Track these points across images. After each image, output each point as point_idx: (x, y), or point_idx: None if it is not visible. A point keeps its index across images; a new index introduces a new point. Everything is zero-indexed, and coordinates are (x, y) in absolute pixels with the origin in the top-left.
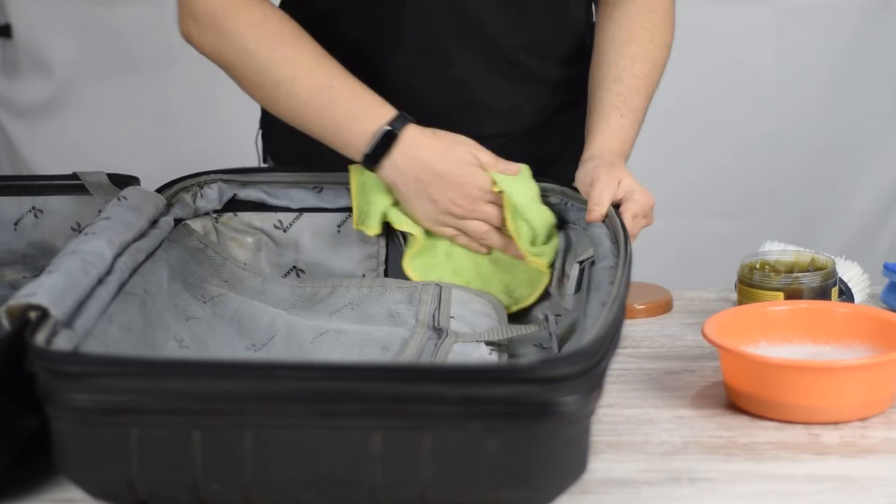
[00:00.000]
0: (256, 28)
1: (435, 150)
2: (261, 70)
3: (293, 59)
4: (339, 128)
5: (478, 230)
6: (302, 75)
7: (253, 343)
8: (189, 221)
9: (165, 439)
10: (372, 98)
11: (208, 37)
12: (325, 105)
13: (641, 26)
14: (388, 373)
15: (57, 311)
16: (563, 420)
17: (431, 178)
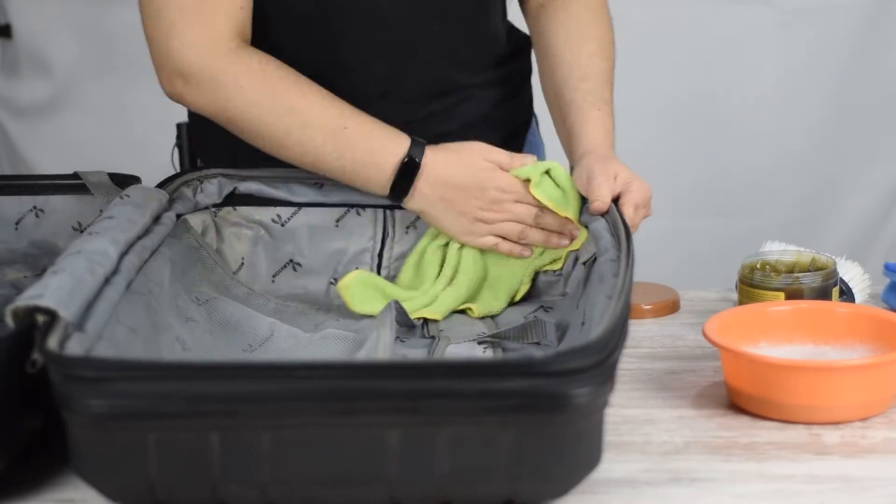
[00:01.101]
0: (257, 79)
1: (451, 164)
2: (270, 122)
3: (301, 106)
4: (360, 166)
5: (513, 231)
6: (313, 121)
7: (250, 344)
8: (188, 217)
9: (183, 442)
10: (384, 131)
11: (205, 95)
12: (341, 147)
13: (589, 26)
14: (403, 370)
15: (65, 312)
16: (577, 412)
17: (454, 193)
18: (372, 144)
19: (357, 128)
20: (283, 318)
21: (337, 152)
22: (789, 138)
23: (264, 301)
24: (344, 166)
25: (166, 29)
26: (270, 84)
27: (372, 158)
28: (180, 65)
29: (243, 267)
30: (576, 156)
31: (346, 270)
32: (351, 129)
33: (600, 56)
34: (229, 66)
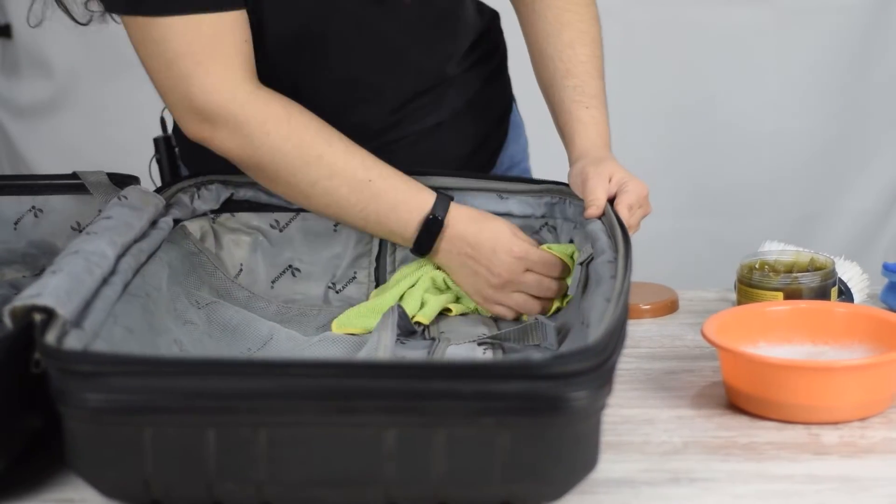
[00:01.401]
0: (284, 126)
1: (473, 223)
2: (297, 170)
3: (327, 158)
4: (385, 219)
5: (517, 302)
6: (339, 172)
7: (249, 347)
8: (186, 223)
9: (179, 438)
10: (409, 186)
11: (233, 140)
12: (366, 200)
13: (565, 10)
14: (401, 370)
15: (63, 310)
16: (574, 415)
17: (471, 250)
18: (396, 198)
19: (382, 182)
20: (284, 322)
21: (361, 204)
22: (789, 138)
23: (265, 304)
24: (367, 218)
25: (183, 78)
26: (297, 131)
27: (396, 213)
28: (205, 111)
29: (242, 272)
30: (570, 160)
31: (345, 275)
32: (376, 182)
33: (581, 42)
34: (254, 112)
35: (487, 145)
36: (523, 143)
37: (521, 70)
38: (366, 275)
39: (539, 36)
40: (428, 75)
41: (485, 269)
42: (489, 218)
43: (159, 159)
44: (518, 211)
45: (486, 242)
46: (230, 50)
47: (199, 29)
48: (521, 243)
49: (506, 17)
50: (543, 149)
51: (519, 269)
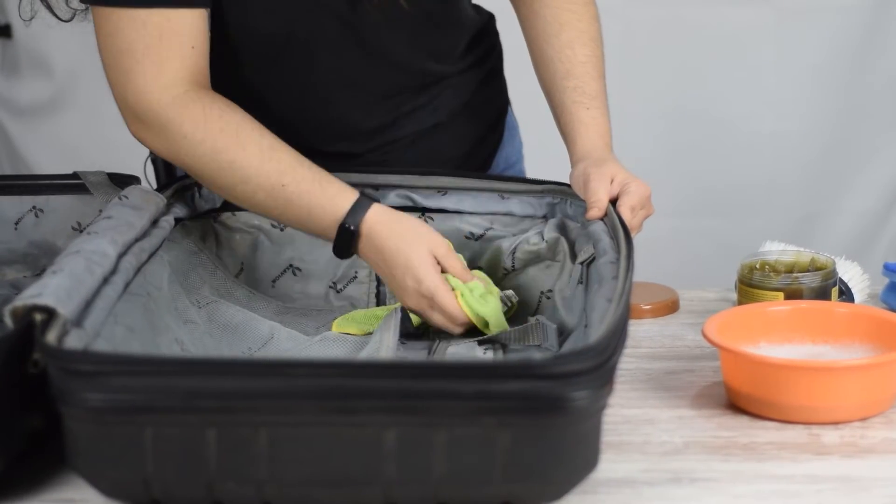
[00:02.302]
0: (199, 130)
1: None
2: (213, 174)
3: (240, 162)
4: (303, 222)
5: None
6: (252, 178)
7: (249, 346)
8: (187, 222)
9: (180, 438)
10: (324, 192)
11: (158, 140)
12: (282, 204)
13: (564, 9)
14: (401, 370)
15: (64, 310)
16: (575, 415)
17: (385, 267)
18: (310, 203)
19: (295, 187)
20: (285, 321)
21: (279, 209)
22: (789, 138)
23: (266, 303)
24: (289, 220)
25: (123, 74)
26: (211, 136)
27: (311, 219)
28: (135, 110)
29: (243, 272)
30: (572, 161)
31: (346, 274)
32: (288, 187)
33: (581, 42)
34: (174, 115)
35: (483, 147)
36: (518, 145)
37: (516, 72)
38: (366, 274)
39: (538, 36)
40: (419, 73)
41: (398, 290)
42: (412, 237)
43: (154, 159)
44: (519, 211)
45: (398, 267)
46: (172, 52)
47: (144, 27)
48: (432, 280)
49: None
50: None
51: (424, 305)
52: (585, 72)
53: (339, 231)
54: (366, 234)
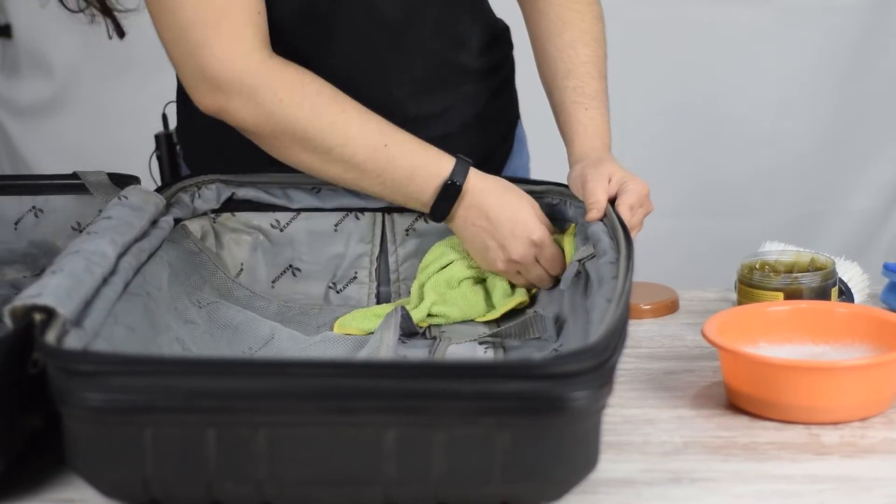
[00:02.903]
0: (297, 94)
1: (494, 195)
2: (311, 138)
3: (341, 123)
4: (401, 185)
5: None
6: (353, 138)
7: (250, 346)
8: (187, 222)
9: (179, 438)
10: (427, 151)
11: (245, 108)
12: (382, 165)
13: (567, 8)
14: (401, 370)
15: (63, 310)
16: (574, 415)
17: (488, 223)
18: (413, 163)
19: (398, 146)
20: (285, 321)
21: (378, 170)
22: (789, 138)
23: (266, 304)
24: (385, 183)
25: (196, 47)
26: (310, 98)
27: (413, 179)
28: (217, 79)
29: (243, 272)
30: (570, 162)
31: (346, 275)
32: (391, 148)
33: (583, 42)
34: (265, 80)
35: (493, 159)
36: (525, 158)
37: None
38: (366, 274)
39: (542, 35)
40: (439, 61)
41: (497, 246)
42: (512, 192)
43: (160, 156)
44: None
45: (506, 221)
46: (242, 18)
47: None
48: (542, 230)
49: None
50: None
51: (531, 255)
52: (586, 72)
53: (443, 188)
54: (470, 191)
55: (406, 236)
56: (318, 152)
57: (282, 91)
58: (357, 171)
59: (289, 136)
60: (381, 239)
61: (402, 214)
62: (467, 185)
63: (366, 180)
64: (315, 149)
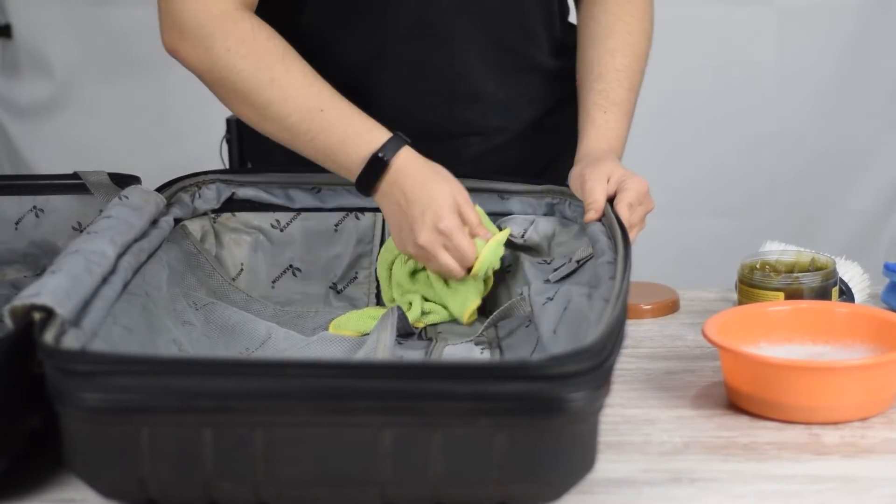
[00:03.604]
0: (245, 46)
1: (418, 175)
2: (250, 90)
3: (282, 81)
4: (332, 151)
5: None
6: (291, 98)
7: (247, 347)
8: (187, 222)
9: (176, 438)
10: (362, 122)
11: (195, 52)
12: (315, 129)
13: (619, 18)
14: (398, 370)
15: (62, 310)
16: (571, 416)
17: (405, 202)
18: (346, 131)
19: (334, 112)
20: (282, 322)
21: (311, 133)
22: (789, 138)
23: (262, 306)
24: (317, 147)
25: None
26: (257, 53)
27: (343, 147)
28: (177, 18)
29: (243, 272)
30: (575, 160)
31: (346, 275)
32: (327, 112)
33: (623, 52)
34: (220, 27)
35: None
36: None
37: None
38: (366, 275)
39: (587, 38)
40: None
41: (408, 228)
42: (437, 178)
43: (229, 140)
44: (519, 211)
45: (420, 202)
46: None
47: None
48: (451, 219)
49: None
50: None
51: (437, 243)
52: (616, 79)
53: (370, 161)
54: (395, 169)
55: None
56: (255, 106)
57: (231, 40)
58: (291, 132)
59: (229, 85)
60: (382, 239)
61: None
62: (396, 162)
63: (299, 142)
64: (253, 102)
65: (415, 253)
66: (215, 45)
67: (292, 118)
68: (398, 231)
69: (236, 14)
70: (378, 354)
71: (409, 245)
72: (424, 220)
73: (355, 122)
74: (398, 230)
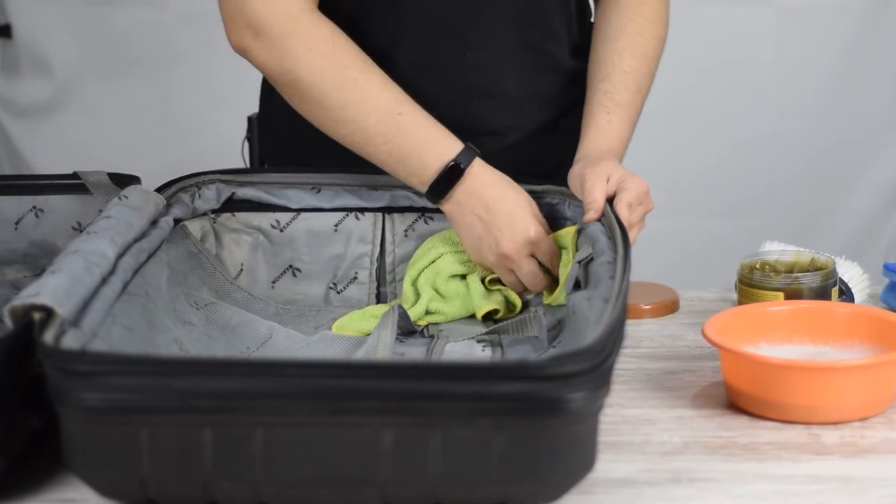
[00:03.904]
0: (327, 46)
1: (496, 186)
2: (328, 91)
3: (361, 83)
4: (405, 156)
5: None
6: (370, 99)
7: (248, 346)
8: (187, 223)
9: (176, 438)
10: (439, 130)
11: (272, 52)
12: (391, 132)
13: (631, 20)
14: (398, 370)
15: (62, 309)
16: (571, 417)
17: (485, 214)
18: (422, 138)
19: (412, 117)
20: (283, 322)
21: (386, 136)
22: (789, 138)
23: (264, 305)
24: (391, 151)
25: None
26: (338, 53)
27: (419, 152)
28: (253, 18)
29: (243, 273)
30: (574, 160)
31: (346, 275)
32: (405, 118)
33: (631, 54)
34: (302, 28)
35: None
36: None
37: None
38: (367, 275)
39: (599, 37)
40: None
41: (492, 239)
42: (513, 188)
43: (250, 138)
44: None
45: (504, 214)
46: None
47: None
48: (538, 228)
49: None
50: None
51: (525, 252)
52: (622, 80)
53: (447, 169)
54: (472, 177)
55: (405, 237)
56: (330, 108)
57: (312, 40)
58: (365, 133)
59: (308, 84)
60: (382, 239)
61: (403, 215)
62: (471, 170)
63: (371, 145)
64: (328, 103)
65: (495, 262)
66: (295, 45)
67: (370, 118)
68: (477, 240)
69: (314, 15)
70: (378, 353)
71: (490, 255)
72: (513, 229)
73: (431, 128)
74: (477, 240)
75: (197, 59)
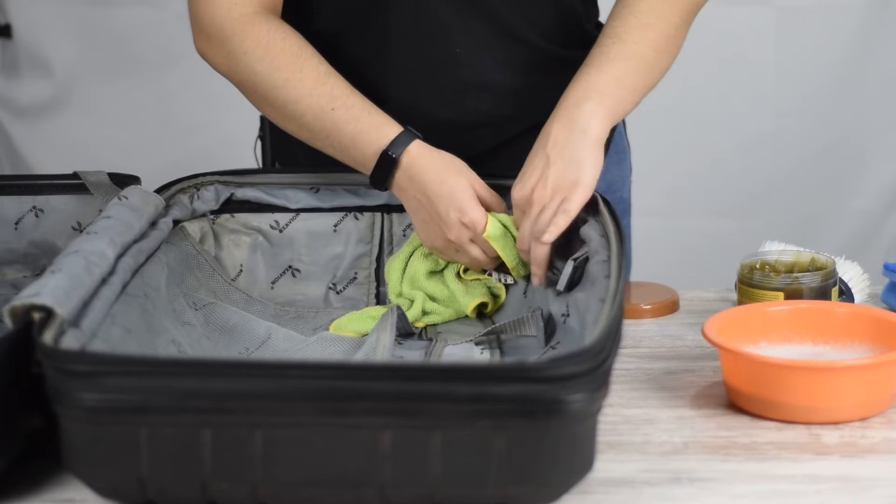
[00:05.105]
0: (261, 48)
1: (435, 172)
2: (268, 92)
3: (295, 81)
4: (346, 149)
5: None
6: (304, 98)
7: (247, 347)
8: (186, 224)
9: (175, 438)
10: (372, 119)
11: (219, 56)
12: (328, 128)
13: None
14: (397, 372)
15: (62, 310)
16: (570, 418)
17: (425, 199)
18: (356, 129)
19: (343, 111)
20: (282, 323)
21: (325, 132)
22: (789, 138)
23: (262, 307)
24: (333, 145)
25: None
26: (271, 54)
27: (354, 145)
28: (202, 22)
29: (242, 274)
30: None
31: (346, 276)
32: (338, 111)
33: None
34: (238, 30)
35: None
36: (626, 170)
37: None
38: (366, 275)
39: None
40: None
41: (435, 224)
42: (453, 169)
43: (262, 137)
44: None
45: (442, 198)
46: None
47: None
48: (477, 211)
49: None
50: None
51: (465, 237)
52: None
53: (380, 159)
54: (406, 165)
55: (403, 236)
56: (275, 107)
57: (247, 43)
58: (308, 130)
59: (250, 87)
60: (381, 239)
61: (402, 214)
62: (406, 158)
63: (318, 140)
64: (272, 104)
65: (442, 247)
66: (235, 48)
67: (306, 117)
68: (424, 226)
69: (254, 17)
70: (377, 355)
71: (437, 240)
72: (448, 217)
73: (364, 119)
74: (423, 225)
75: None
